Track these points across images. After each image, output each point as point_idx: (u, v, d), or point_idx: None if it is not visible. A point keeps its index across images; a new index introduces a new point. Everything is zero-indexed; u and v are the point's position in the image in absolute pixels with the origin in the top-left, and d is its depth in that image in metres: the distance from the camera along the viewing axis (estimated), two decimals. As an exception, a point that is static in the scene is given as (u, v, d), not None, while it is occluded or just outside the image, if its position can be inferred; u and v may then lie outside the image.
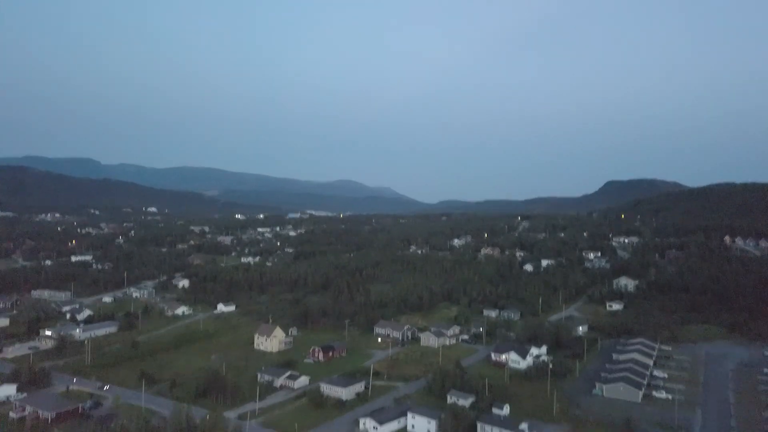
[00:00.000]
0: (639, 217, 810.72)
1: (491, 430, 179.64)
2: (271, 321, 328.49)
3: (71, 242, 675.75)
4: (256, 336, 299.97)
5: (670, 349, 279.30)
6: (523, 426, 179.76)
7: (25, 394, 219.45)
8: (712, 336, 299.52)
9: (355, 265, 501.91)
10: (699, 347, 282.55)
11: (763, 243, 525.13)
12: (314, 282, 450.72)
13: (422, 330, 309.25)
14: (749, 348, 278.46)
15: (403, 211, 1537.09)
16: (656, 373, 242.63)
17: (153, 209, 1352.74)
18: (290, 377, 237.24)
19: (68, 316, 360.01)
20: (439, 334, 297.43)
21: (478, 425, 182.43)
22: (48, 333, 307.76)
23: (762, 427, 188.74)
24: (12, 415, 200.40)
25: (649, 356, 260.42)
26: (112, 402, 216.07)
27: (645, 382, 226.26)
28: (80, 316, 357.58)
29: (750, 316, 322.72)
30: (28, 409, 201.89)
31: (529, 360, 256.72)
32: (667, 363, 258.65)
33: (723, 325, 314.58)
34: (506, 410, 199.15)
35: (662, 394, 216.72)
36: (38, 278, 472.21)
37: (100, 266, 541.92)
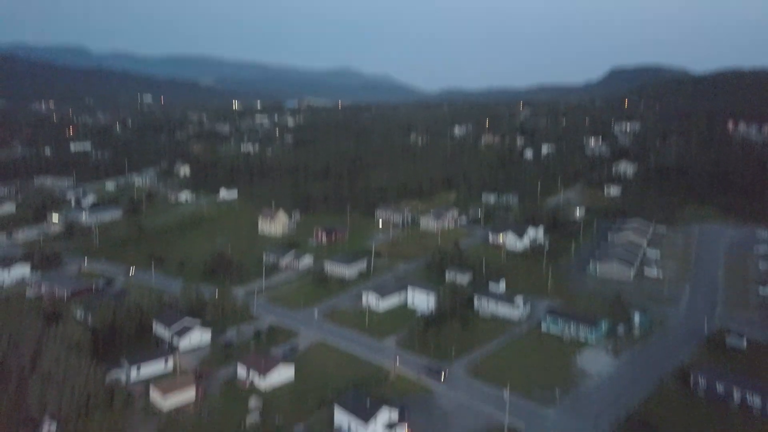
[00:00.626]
0: (643, 103, 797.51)
1: (487, 302, 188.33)
2: (273, 205, 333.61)
3: (69, 130, 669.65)
4: (260, 219, 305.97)
5: (665, 229, 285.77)
6: (518, 299, 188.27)
7: (39, 274, 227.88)
8: (707, 217, 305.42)
9: (355, 153, 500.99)
10: (693, 228, 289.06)
11: (766, 129, 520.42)
12: (315, 169, 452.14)
13: (422, 214, 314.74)
14: (742, 229, 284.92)
15: (403, 99, 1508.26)
16: (649, 252, 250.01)
17: (148, 97, 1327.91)
18: (295, 257, 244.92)
19: (73, 202, 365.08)
20: (438, 217, 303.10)
21: (475, 298, 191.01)
22: (55, 218, 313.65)
23: (746, 300, 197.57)
24: (29, 292, 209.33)
25: (644, 236, 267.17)
26: (124, 281, 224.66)
27: (638, 261, 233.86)
28: (85, 202, 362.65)
29: (745, 198, 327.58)
30: (44, 287, 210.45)
31: (526, 241, 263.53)
32: (660, 243, 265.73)
33: (719, 206, 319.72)
34: (502, 286, 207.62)
35: (653, 272, 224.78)
36: (39, 166, 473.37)
37: (99, 154, 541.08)
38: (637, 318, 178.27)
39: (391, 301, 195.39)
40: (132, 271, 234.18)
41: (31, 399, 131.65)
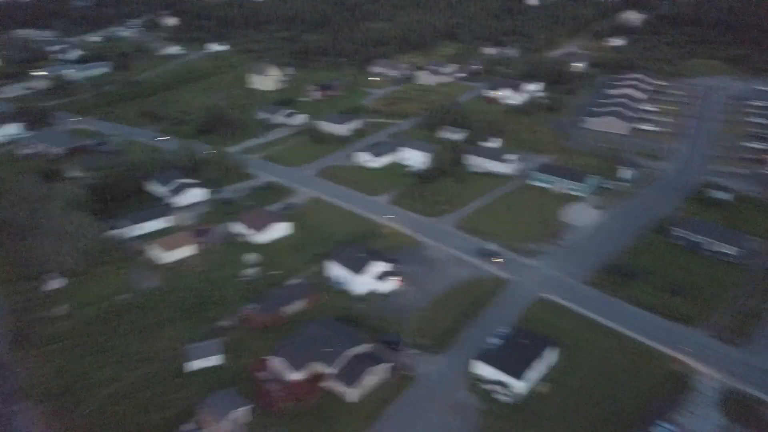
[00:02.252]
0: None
1: (480, 159, 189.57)
2: (267, 60, 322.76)
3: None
4: (252, 75, 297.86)
5: (667, 84, 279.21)
6: (510, 156, 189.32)
7: (32, 132, 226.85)
8: (713, 71, 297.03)
9: (353, 1, 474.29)
10: (697, 81, 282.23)
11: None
12: (311, 19, 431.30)
13: (420, 69, 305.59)
14: (747, 81, 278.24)
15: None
16: (648, 107, 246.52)
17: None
18: (289, 115, 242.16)
19: (59, 56, 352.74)
20: (436, 72, 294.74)
21: (468, 154, 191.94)
22: (42, 73, 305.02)
23: (739, 154, 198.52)
24: (23, 151, 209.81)
25: (644, 91, 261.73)
26: (119, 140, 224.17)
27: (635, 116, 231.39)
28: (71, 56, 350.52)
29: (755, 49, 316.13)
30: (39, 146, 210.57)
31: (524, 96, 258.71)
32: (660, 98, 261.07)
33: (726, 59, 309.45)
34: (497, 143, 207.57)
35: (649, 127, 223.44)
36: (16, 15, 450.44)
37: (81, 2, 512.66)
38: (625, 173, 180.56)
39: (386, 159, 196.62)
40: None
41: (34, 254, 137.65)
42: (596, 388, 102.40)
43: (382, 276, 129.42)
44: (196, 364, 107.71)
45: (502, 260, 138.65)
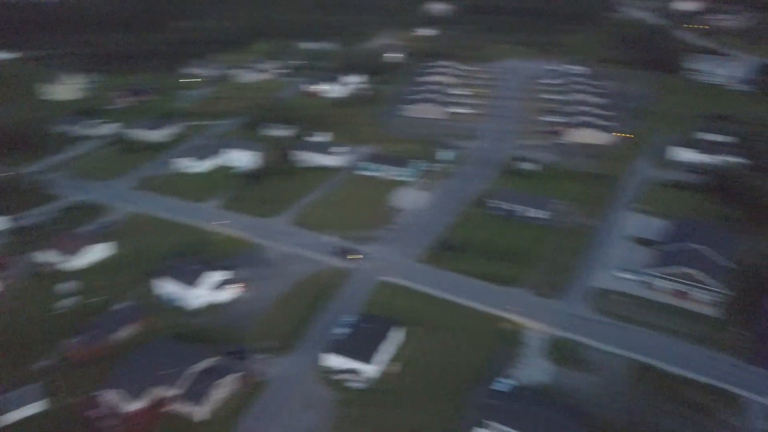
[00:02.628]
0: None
1: (308, 154, 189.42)
2: (63, 66, 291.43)
3: None
4: (47, 85, 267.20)
5: (473, 69, 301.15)
6: (337, 148, 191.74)
7: None
8: (511, 54, 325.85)
9: None
10: (496, 65, 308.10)
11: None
12: (114, 20, 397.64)
13: (237, 67, 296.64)
14: (538, 62, 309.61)
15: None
16: (459, 91, 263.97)
17: None
18: (95, 125, 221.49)
19: None
20: (254, 70, 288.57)
21: (297, 150, 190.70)
22: None
23: (537, 128, 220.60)
24: None
25: (454, 77, 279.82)
26: None
27: (449, 101, 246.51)
28: None
29: (544, 33, 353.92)
30: None
31: (347, 88, 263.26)
32: (469, 82, 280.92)
33: (523, 43, 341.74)
34: (325, 137, 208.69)
35: (462, 110, 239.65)
36: None
37: None
38: (444, 154, 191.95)
39: (210, 163, 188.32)
40: None
41: None
42: (441, 358, 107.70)
43: (220, 285, 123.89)
44: (13, 416, 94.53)
45: (360, 256, 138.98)
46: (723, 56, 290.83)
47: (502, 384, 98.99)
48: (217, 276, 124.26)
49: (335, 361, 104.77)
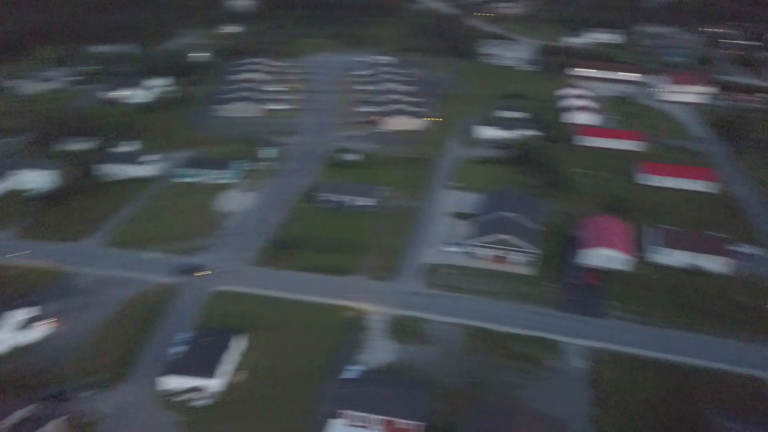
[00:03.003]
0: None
1: (117, 166, 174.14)
2: None
3: None
4: None
5: (285, 64, 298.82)
6: (149, 156, 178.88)
7: None
8: (321, 48, 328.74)
9: None
10: (309, 59, 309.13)
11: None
12: None
13: (16, 77, 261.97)
14: (348, 55, 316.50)
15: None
16: (273, 87, 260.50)
17: None
18: None
19: None
20: (39, 79, 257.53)
21: (102, 164, 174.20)
22: None
23: (354, 119, 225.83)
24: None
25: (267, 73, 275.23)
26: None
27: (264, 98, 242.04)
28: None
29: (350, 25, 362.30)
30: None
31: (150, 92, 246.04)
32: (282, 78, 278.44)
33: (331, 36, 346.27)
34: (134, 145, 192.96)
35: (279, 106, 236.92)
36: None
37: None
38: (267, 153, 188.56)
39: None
40: None
41: None
42: (287, 358, 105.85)
43: (26, 324, 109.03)
44: None
45: (209, 272, 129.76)
46: (509, 40, 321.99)
47: (351, 371, 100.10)
48: (21, 314, 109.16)
49: (175, 382, 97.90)
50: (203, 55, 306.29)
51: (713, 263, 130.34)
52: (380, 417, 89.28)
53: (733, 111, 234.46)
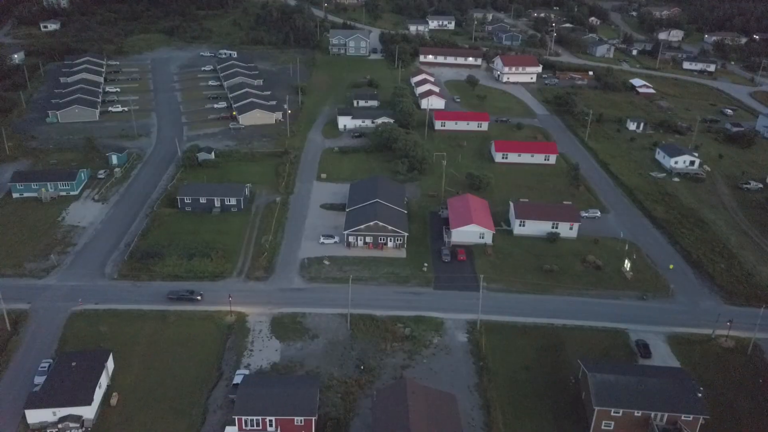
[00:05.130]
0: None
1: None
2: None
3: None
4: None
5: (119, 63, 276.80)
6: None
7: None
8: (156, 44, 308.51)
9: None
10: (145, 56, 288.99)
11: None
12: None
13: None
14: (187, 50, 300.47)
15: None
16: (109, 88, 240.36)
17: None
18: None
19: None
20: None
21: None
22: None
23: (204, 116, 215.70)
24: None
25: (99, 74, 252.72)
26: None
27: (99, 100, 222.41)
28: None
29: (185, 19, 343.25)
30: None
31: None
32: (117, 77, 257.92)
33: (166, 31, 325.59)
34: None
35: (118, 108, 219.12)
36: None
37: None
38: (114, 159, 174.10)
39: None
40: None
41: None
42: (166, 372, 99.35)
43: None
44: None
45: (199, 297, 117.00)
46: (355, 30, 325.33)
47: (241, 376, 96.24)
48: None
49: (40, 415, 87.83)
50: (20, 56, 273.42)
51: (565, 229, 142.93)
52: (274, 417, 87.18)
53: (563, 88, 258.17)
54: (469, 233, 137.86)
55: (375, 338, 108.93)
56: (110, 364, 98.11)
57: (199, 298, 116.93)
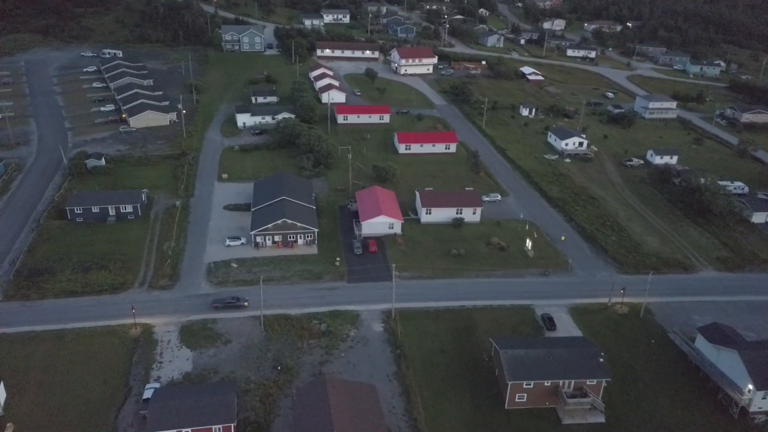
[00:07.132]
0: None
1: None
2: None
3: None
4: None
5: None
6: None
7: None
8: (29, 44, 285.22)
9: None
10: (17, 58, 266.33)
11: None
12: None
13: None
14: (66, 51, 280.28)
15: None
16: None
17: None
18: None
19: None
20: None
21: None
22: None
23: (90, 120, 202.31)
24: None
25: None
26: None
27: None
28: None
29: (64, 17, 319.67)
30: None
31: None
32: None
33: (40, 31, 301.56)
34: None
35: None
36: None
37: None
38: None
39: None
40: None
41: None
42: (65, 396, 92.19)
43: None
44: None
45: (246, 303, 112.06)
46: (249, 25, 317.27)
47: (151, 390, 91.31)
48: None
49: None
50: None
51: (469, 214, 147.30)
52: (190, 429, 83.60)
53: (458, 78, 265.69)
54: (379, 224, 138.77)
55: (291, 337, 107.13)
56: (0, 392, 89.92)
57: (246, 304, 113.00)
